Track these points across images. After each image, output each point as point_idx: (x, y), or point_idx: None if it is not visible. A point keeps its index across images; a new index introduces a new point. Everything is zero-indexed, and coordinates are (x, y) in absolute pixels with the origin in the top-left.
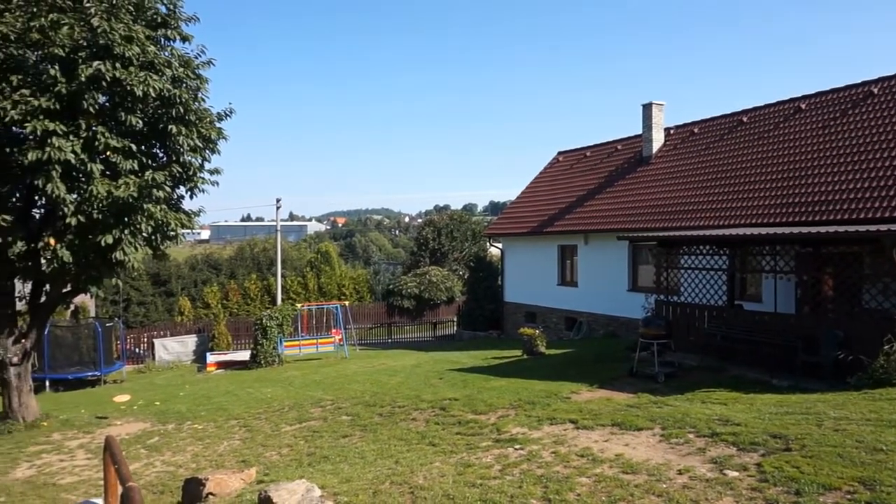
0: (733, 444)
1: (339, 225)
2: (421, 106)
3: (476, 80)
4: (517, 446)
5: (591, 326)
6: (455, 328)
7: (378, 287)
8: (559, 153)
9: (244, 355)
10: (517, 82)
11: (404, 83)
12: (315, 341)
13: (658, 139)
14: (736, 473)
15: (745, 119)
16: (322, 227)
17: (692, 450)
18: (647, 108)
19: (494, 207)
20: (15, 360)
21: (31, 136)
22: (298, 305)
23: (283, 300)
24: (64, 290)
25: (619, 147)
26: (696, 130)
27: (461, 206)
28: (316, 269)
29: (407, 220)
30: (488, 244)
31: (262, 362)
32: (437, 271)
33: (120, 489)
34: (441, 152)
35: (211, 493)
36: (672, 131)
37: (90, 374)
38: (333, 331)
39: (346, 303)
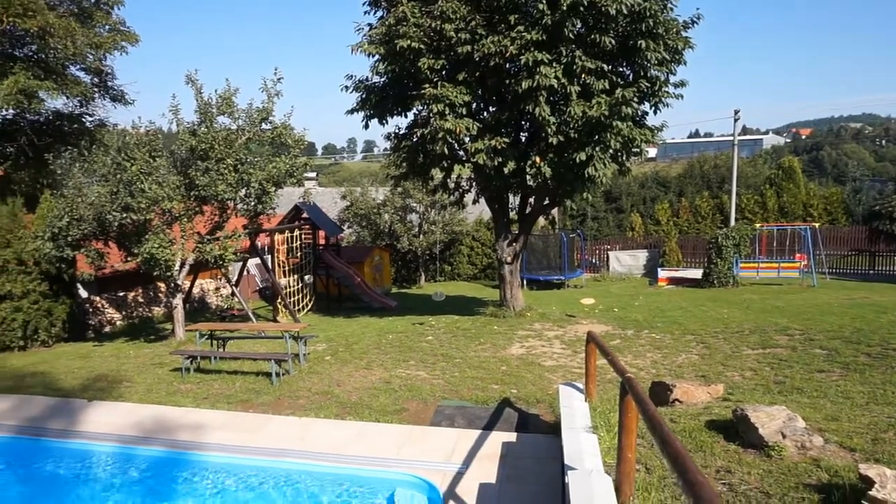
0: None
1: (802, 137)
2: None
3: None
4: None
5: None
6: None
7: (857, 208)
8: None
9: (695, 273)
10: None
11: None
12: (776, 265)
13: None
14: None
15: None
16: (780, 141)
17: None
18: None
19: None
20: (508, 259)
21: (523, 67)
22: (757, 225)
23: (737, 220)
24: (544, 203)
25: None
26: None
27: None
28: (776, 186)
29: None
30: None
31: (716, 282)
32: None
33: (595, 380)
34: None
35: (678, 400)
36: None
37: (556, 277)
38: (798, 255)
39: (816, 225)
